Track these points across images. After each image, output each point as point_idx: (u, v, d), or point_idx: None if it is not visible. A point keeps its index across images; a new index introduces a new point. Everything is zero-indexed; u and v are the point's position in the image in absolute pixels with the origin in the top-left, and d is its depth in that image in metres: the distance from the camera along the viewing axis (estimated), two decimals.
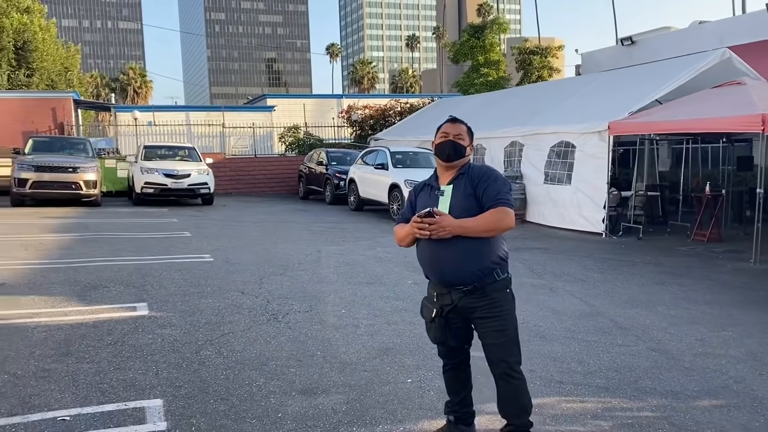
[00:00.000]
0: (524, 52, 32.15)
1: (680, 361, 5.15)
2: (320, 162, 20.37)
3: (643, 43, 24.66)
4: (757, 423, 3.98)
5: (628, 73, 16.33)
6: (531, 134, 14.89)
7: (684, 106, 11.75)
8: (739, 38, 19.29)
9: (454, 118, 3.47)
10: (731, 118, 9.98)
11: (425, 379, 4.67)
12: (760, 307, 6.99)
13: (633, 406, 4.25)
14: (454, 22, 61.99)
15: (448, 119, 3.49)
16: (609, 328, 6.09)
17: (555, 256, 10.30)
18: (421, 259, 3.41)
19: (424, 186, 3.46)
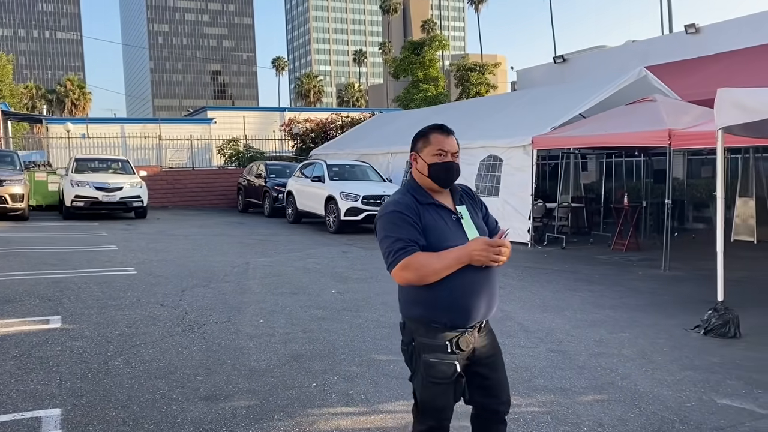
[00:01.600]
0: (462, 68, 32.99)
1: (575, 361, 5.45)
2: (259, 175, 20.35)
3: (574, 61, 25.67)
4: (632, 414, 4.27)
5: (555, 90, 17.01)
6: (462, 148, 15.05)
7: (602, 121, 12.33)
8: (663, 57, 20.39)
9: (447, 129, 2.72)
10: (642, 133, 10.55)
11: (329, 383, 4.80)
12: (661, 310, 7.42)
13: (522, 402, 4.49)
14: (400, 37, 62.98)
15: (438, 128, 2.71)
16: (515, 331, 6.38)
17: None
18: (456, 296, 2.51)
19: (424, 205, 2.61)
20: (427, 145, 2.66)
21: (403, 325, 2.69)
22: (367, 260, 10.88)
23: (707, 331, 6.22)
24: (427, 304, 2.54)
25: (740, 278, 9.04)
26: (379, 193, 14.86)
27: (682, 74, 17.46)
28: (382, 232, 2.56)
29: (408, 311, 2.64)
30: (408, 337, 2.64)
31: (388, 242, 2.51)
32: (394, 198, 2.65)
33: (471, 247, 2.46)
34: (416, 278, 2.47)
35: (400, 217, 2.53)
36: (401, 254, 2.46)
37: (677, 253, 10.80)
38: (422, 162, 2.66)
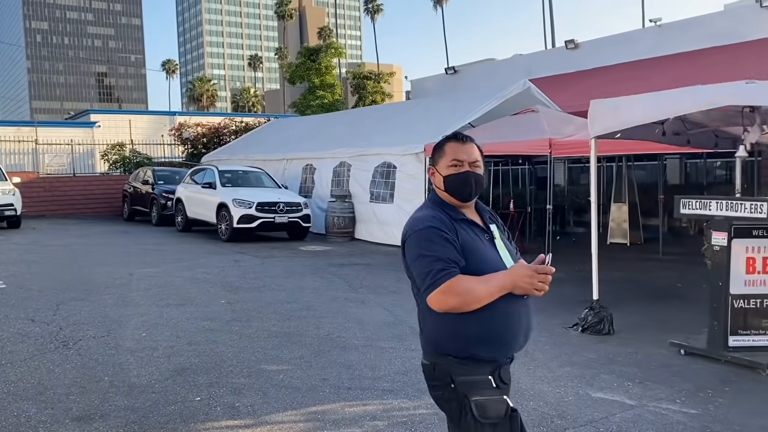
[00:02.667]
0: (359, 76, 33.32)
1: None
2: (146, 181, 19.44)
3: (465, 73, 26.59)
4: None
5: (446, 99, 17.50)
6: (358, 155, 15.39)
7: (489, 130, 12.81)
8: (546, 71, 21.52)
9: (463, 137, 2.45)
10: (526, 142, 11.06)
11: (215, 397, 4.63)
12: (543, 310, 7.65)
13: (411, 405, 4.54)
14: (296, 43, 62.60)
15: (453, 136, 2.45)
16: (407, 334, 6.45)
17: (375, 271, 10.69)
18: (499, 325, 2.26)
19: (458, 221, 2.34)
20: (442, 156, 2.40)
21: (432, 366, 2.31)
22: (260, 269, 10.65)
23: (584, 328, 6.58)
24: (465, 336, 2.24)
25: (615, 278, 9.65)
26: (275, 200, 14.62)
27: (563, 87, 18.52)
28: (416, 249, 2.23)
29: (440, 346, 2.28)
30: (444, 378, 2.27)
31: (426, 262, 2.19)
32: (425, 213, 2.33)
33: (516, 273, 2.22)
34: (458, 305, 2.17)
35: (437, 233, 2.22)
36: (443, 276, 2.15)
37: (559, 256, 11.24)
38: (438, 175, 2.39)
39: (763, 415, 4.33)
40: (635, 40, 20.07)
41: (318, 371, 5.24)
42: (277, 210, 14.39)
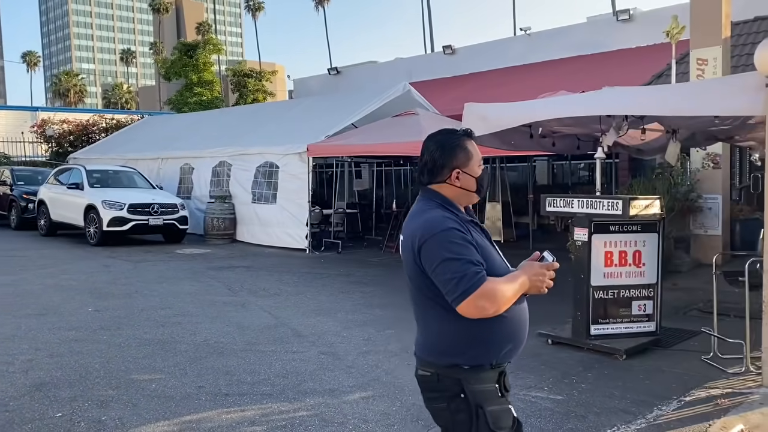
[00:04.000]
0: (239, 74, 32.54)
1: (344, 361, 5.59)
2: (4, 182, 17.80)
3: (347, 74, 26.76)
4: (394, 408, 4.49)
5: (329, 100, 17.52)
6: (238, 154, 14.99)
7: (372, 131, 12.98)
8: (425, 75, 22.11)
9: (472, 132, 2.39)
10: (405, 143, 11.28)
11: (79, 411, 4.31)
12: None
13: (291, 407, 4.47)
14: (173, 38, 60.01)
15: (468, 135, 2.33)
16: (288, 337, 6.36)
17: (256, 273, 10.46)
18: (514, 327, 2.25)
19: (467, 223, 2.25)
20: (471, 157, 2.26)
21: (436, 376, 2.19)
22: (132, 274, 10.09)
23: None
24: (483, 342, 2.14)
25: None
26: (148, 201, 13.92)
27: (442, 90, 19.13)
28: (442, 252, 2.06)
29: (450, 354, 2.16)
30: (452, 388, 2.16)
31: (457, 265, 2.03)
32: (436, 213, 2.17)
33: (530, 272, 2.19)
34: (493, 309, 2.07)
35: (460, 235, 2.10)
36: (478, 279, 2.03)
37: None
38: (468, 178, 2.24)
39: (620, 397, 4.67)
40: (508, 48, 21.13)
41: (193, 379, 5.04)
42: (151, 212, 13.70)
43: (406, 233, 2.23)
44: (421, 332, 2.26)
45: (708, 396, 4.61)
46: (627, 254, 5.94)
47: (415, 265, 2.14)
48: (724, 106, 5.05)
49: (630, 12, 18.38)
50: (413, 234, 2.15)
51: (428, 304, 2.17)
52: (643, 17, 17.97)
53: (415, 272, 2.16)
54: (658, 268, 6.02)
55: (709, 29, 9.27)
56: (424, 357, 2.23)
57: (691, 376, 5.06)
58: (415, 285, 2.20)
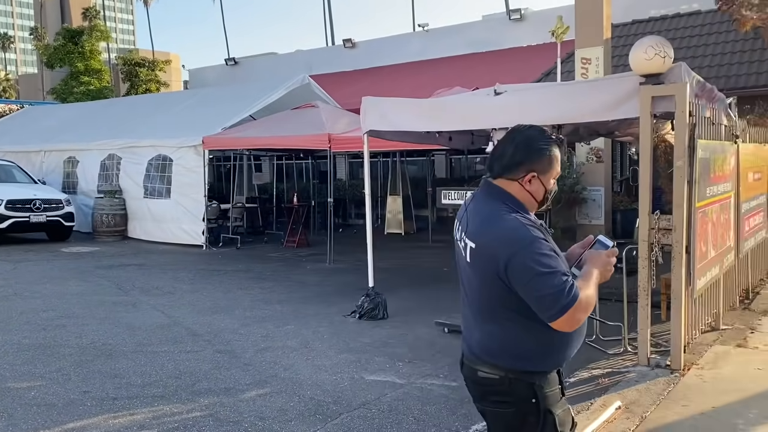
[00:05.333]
0: (130, 63, 30.92)
1: (241, 359, 5.47)
2: None
3: (246, 65, 26.16)
4: (292, 403, 4.45)
5: (226, 91, 17.05)
6: (129, 147, 14.29)
7: (270, 124, 12.76)
8: (326, 68, 21.99)
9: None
10: (306, 136, 11.21)
11: None
12: (324, 300, 7.94)
13: (184, 409, 4.33)
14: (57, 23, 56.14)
15: (560, 145, 2.20)
16: (182, 336, 6.15)
17: (149, 271, 10.03)
18: (582, 329, 2.13)
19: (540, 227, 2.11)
20: (551, 169, 2.12)
21: (508, 381, 2.08)
22: (11, 275, 9.40)
23: (361, 315, 6.84)
24: (559, 347, 2.08)
25: (390, 266, 10.21)
26: (29, 196, 13.00)
27: (342, 84, 19.11)
28: (534, 267, 1.92)
29: (533, 361, 2.07)
30: (522, 393, 2.07)
31: (552, 280, 1.91)
32: (515, 221, 2.02)
33: (598, 263, 2.07)
34: (585, 318, 2.00)
35: (545, 244, 1.98)
36: (576, 293, 1.91)
37: (341, 247, 11.74)
38: (539, 185, 2.11)
39: None
40: (406, 43, 21.44)
41: (78, 384, 4.76)
42: (33, 208, 12.83)
43: (480, 241, 2.04)
44: (486, 335, 2.12)
45: (590, 376, 4.90)
46: None
47: (497, 278, 1.99)
48: (604, 108, 5.33)
49: (522, 12, 19.15)
50: (494, 245, 1.99)
51: (504, 311, 2.05)
52: (534, 17, 18.77)
53: (494, 284, 2.01)
54: None
55: (591, 30, 9.81)
56: (489, 360, 2.10)
57: (575, 358, 5.29)
58: (490, 294, 2.06)
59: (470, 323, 2.17)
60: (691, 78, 4.96)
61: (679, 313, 4.85)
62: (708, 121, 5.38)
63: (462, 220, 2.17)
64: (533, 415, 2.05)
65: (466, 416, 4.17)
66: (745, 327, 6.14)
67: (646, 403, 4.18)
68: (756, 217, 7.56)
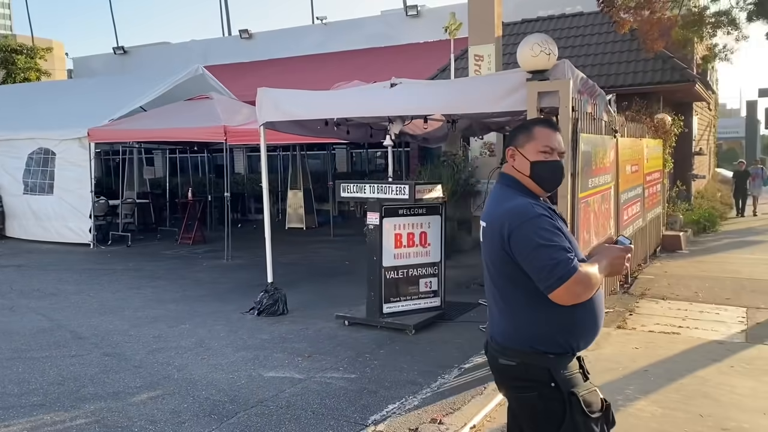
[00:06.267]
0: (5, 50, 28.55)
1: (131, 361, 5.22)
2: None
3: (136, 54, 24.95)
4: (185, 404, 4.29)
5: (114, 81, 16.18)
6: (5, 140, 13.24)
7: (163, 115, 12.24)
8: (222, 58, 21.38)
9: (555, 124, 2.32)
10: (201, 128, 10.84)
11: None
12: (221, 298, 7.72)
13: (67, 416, 4.07)
14: None
15: (545, 122, 2.31)
16: (66, 340, 5.78)
17: (29, 273, 9.36)
18: (597, 313, 2.17)
19: (550, 209, 2.20)
20: (531, 140, 2.21)
21: (524, 366, 2.11)
22: None
23: (260, 311, 6.72)
24: (570, 328, 2.10)
25: (291, 261, 10.11)
26: None
27: (239, 75, 18.66)
28: (534, 239, 2.00)
29: (537, 342, 2.09)
30: (541, 377, 2.08)
31: (552, 251, 1.99)
32: (521, 201, 2.12)
33: (611, 256, 2.13)
34: (586, 295, 2.04)
35: (549, 222, 2.05)
36: (573, 266, 1.98)
37: (240, 243, 11.48)
38: (522, 159, 2.21)
39: (408, 370, 4.95)
40: (305, 36, 21.23)
41: None
42: None
43: (489, 219, 2.17)
44: (503, 319, 2.18)
45: (484, 361, 5.02)
46: (414, 236, 6.30)
47: (503, 251, 2.07)
48: (493, 100, 5.51)
49: (418, 8, 19.47)
50: (501, 221, 2.09)
51: (515, 291, 2.11)
52: (430, 14, 19.13)
53: (502, 259, 2.10)
54: (442, 248, 6.47)
55: (484, 28, 10.12)
56: (507, 345, 2.15)
57: (471, 344, 5.52)
58: (500, 272, 2.13)
59: (492, 310, 2.24)
60: (575, 75, 5.22)
61: None
62: (590, 116, 5.70)
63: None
64: (557, 400, 2.07)
65: (366, 407, 4.20)
66: (624, 309, 6.58)
67: None
68: (633, 206, 8.11)
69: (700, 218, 12.52)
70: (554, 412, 2.06)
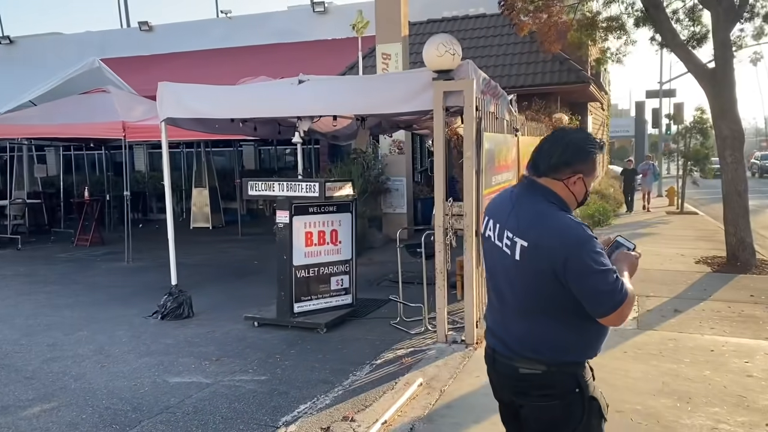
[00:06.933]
0: None
1: (23, 372, 4.89)
2: None
3: (25, 45, 23.37)
4: (84, 415, 4.06)
5: (1, 73, 15.06)
6: None
7: (55, 110, 11.49)
8: (120, 51, 20.40)
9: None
10: (97, 124, 10.26)
11: None
12: (123, 302, 7.37)
13: None
14: None
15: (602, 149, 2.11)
16: None
17: None
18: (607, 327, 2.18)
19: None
20: (594, 171, 2.18)
21: (550, 374, 2.11)
22: None
23: (164, 315, 6.47)
24: (597, 337, 2.16)
25: (197, 262, 9.80)
26: None
27: (139, 69, 17.87)
28: (592, 265, 1.97)
29: (565, 352, 2.12)
30: (567, 384, 2.11)
31: (607, 278, 1.98)
32: (570, 219, 2.06)
33: (630, 263, 2.16)
34: (630, 313, 2.08)
35: (599, 244, 2.04)
36: (626, 289, 2.01)
37: (141, 244, 11.01)
38: (582, 186, 2.16)
39: (320, 369, 4.92)
40: (209, 29, 20.64)
41: None
42: None
43: (535, 238, 2.05)
44: (525, 329, 2.14)
45: (395, 357, 5.13)
46: (325, 234, 6.27)
47: (552, 275, 2.01)
48: (402, 100, 5.56)
49: (325, 5, 19.38)
50: (552, 243, 2.02)
51: (551, 309, 2.08)
52: (337, 11, 19.11)
53: (547, 280, 2.03)
54: (353, 245, 6.48)
55: (391, 27, 10.23)
56: (532, 355, 2.13)
57: (382, 340, 5.57)
58: (539, 291, 2.07)
59: (507, 320, 2.20)
60: (478, 75, 5.37)
61: (471, 291, 5.26)
62: (493, 115, 5.88)
63: (501, 217, 2.18)
64: (578, 405, 2.12)
65: (276, 408, 4.14)
66: None
67: (445, 377, 4.48)
68: None
69: (594, 213, 13.23)
70: (573, 416, 2.12)
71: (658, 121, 24.61)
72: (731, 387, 4.20)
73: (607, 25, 10.76)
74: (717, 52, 8.77)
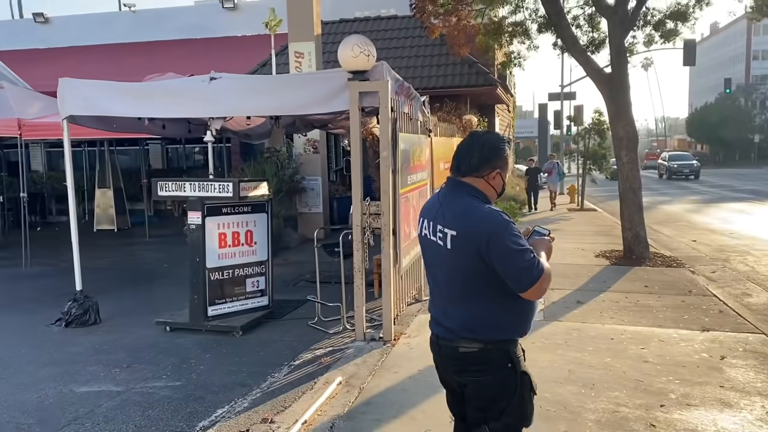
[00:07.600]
0: None
1: None
2: None
3: None
4: None
5: None
6: None
7: None
8: (12, 44, 19.13)
9: None
10: None
11: None
12: (20, 309, 6.95)
13: None
14: None
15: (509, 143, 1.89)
16: None
17: None
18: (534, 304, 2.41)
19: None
20: (506, 165, 2.47)
21: (487, 351, 2.33)
22: None
23: (68, 322, 6.16)
24: (526, 315, 2.39)
25: (102, 266, 9.37)
26: None
27: (35, 63, 16.87)
28: (510, 244, 2.22)
29: (508, 330, 2.37)
30: (502, 360, 2.34)
31: (525, 255, 2.22)
32: (491, 208, 2.33)
33: (545, 248, 2.42)
34: (547, 288, 2.31)
35: (517, 227, 2.30)
36: (542, 266, 2.25)
37: (41, 249, 10.40)
38: (500, 180, 2.45)
39: (237, 372, 4.85)
40: (111, 23, 19.75)
41: None
42: None
43: (462, 225, 2.30)
44: (461, 312, 2.36)
45: (314, 357, 5.13)
46: (240, 234, 6.17)
47: (478, 256, 2.24)
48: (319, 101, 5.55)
49: (235, 1, 19.01)
50: (476, 227, 2.26)
51: (482, 289, 2.30)
52: (248, 7, 18.79)
53: (475, 263, 2.26)
54: (269, 246, 6.41)
55: (303, 25, 10.18)
56: (470, 335, 2.35)
57: (300, 341, 5.56)
58: (469, 273, 2.29)
59: (447, 306, 2.41)
60: (392, 76, 5.47)
61: (388, 289, 5.35)
62: (407, 116, 5.99)
63: (433, 215, 2.43)
64: (511, 379, 2.35)
65: (193, 414, 4.05)
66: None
67: (364, 374, 4.53)
68: None
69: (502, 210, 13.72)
70: (508, 389, 2.35)
71: (560, 122, 25.84)
72: (630, 372, 4.51)
73: (513, 30, 11.19)
74: (613, 58, 9.33)
